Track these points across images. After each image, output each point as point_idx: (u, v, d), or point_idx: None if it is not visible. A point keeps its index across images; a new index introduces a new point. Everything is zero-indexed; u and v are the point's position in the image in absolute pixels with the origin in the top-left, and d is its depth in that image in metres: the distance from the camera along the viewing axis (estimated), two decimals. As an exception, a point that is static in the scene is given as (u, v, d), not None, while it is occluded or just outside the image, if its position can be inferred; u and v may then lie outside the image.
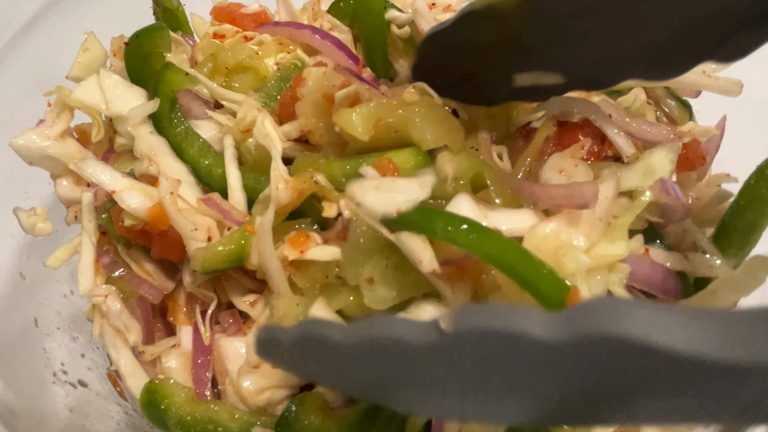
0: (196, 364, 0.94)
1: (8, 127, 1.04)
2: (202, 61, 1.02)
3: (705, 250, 0.81)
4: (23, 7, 1.18)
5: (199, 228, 0.87)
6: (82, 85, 0.99)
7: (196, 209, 0.89)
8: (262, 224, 0.82)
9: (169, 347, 0.97)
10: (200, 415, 0.87)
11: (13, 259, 1.13)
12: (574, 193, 0.73)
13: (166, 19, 1.14)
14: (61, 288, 1.15)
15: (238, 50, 1.00)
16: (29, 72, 1.17)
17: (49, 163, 1.02)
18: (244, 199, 0.90)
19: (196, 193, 0.92)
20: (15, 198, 1.13)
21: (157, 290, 0.96)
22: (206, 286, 0.95)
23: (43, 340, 1.08)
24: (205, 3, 1.18)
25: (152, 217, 0.87)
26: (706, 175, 1.01)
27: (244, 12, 1.11)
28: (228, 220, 0.88)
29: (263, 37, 1.05)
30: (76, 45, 1.05)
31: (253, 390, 0.85)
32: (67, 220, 1.04)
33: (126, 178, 0.91)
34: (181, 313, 0.98)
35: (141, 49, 0.99)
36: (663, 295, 0.78)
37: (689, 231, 0.83)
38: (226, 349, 0.92)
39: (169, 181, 0.87)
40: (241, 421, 0.86)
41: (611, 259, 0.72)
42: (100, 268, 0.99)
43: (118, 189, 0.89)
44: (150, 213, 0.87)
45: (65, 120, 1.02)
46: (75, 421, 0.99)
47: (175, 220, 0.87)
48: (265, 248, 0.82)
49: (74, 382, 1.04)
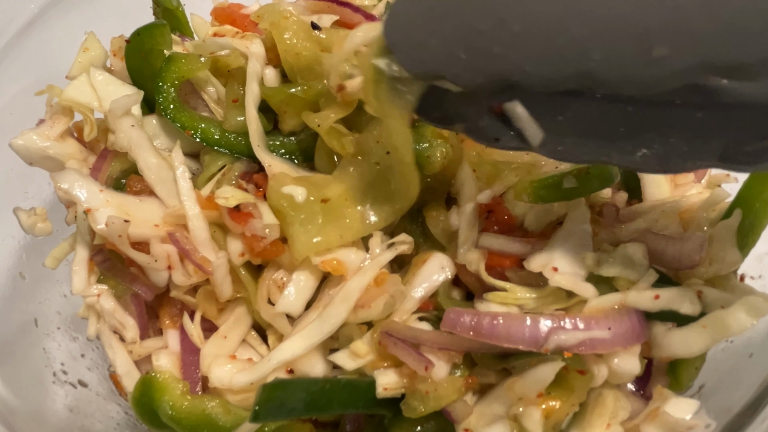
0: (185, 363, 0.95)
1: (8, 127, 1.04)
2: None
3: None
4: (23, 7, 1.18)
5: (158, 259, 0.88)
6: (74, 84, 1.00)
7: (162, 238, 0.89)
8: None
9: (159, 348, 0.98)
10: (194, 409, 0.87)
11: (13, 259, 1.13)
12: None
13: (166, 19, 1.14)
14: (61, 288, 1.15)
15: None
16: (29, 72, 1.17)
17: (49, 163, 1.02)
18: (207, 231, 0.90)
19: (189, 185, 0.92)
20: (15, 198, 1.13)
21: (151, 287, 0.96)
22: (190, 293, 0.96)
23: (43, 340, 1.08)
24: (205, 3, 1.18)
25: (113, 247, 0.88)
26: (705, 175, 1.01)
27: (245, 12, 1.11)
28: (188, 260, 0.89)
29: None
30: (76, 45, 1.05)
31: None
32: (67, 220, 1.04)
33: (104, 192, 0.90)
34: (166, 317, 0.99)
35: (142, 47, 0.99)
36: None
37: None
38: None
39: (116, 223, 0.85)
40: (235, 415, 0.87)
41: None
42: (94, 266, 0.99)
43: (93, 207, 0.88)
44: (110, 245, 0.88)
45: (65, 120, 1.03)
46: (75, 421, 0.99)
47: (131, 256, 0.88)
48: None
49: (74, 382, 1.04)
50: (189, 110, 0.98)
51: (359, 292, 0.84)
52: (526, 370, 0.77)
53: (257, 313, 0.92)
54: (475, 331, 0.76)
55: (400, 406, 0.80)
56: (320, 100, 0.92)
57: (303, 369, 0.86)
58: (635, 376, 0.79)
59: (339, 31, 0.94)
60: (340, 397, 0.81)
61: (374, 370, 0.82)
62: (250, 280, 0.92)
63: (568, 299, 0.80)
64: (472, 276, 0.87)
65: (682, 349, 0.78)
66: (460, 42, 0.65)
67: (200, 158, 1.00)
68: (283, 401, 0.78)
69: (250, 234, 0.87)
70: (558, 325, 0.75)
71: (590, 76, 0.59)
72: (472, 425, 0.80)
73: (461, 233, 0.86)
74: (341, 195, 0.88)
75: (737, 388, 0.85)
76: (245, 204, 0.88)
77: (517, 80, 0.63)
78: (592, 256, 0.80)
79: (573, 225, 0.84)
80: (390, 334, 0.80)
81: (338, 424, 0.95)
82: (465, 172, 0.90)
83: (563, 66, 0.60)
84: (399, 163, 0.84)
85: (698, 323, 0.76)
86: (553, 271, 0.79)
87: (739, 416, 0.79)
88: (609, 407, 0.80)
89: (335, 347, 0.87)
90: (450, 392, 0.78)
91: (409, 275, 0.88)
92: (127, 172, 0.98)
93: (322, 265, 0.86)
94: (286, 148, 0.97)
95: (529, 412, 0.77)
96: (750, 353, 0.91)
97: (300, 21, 0.93)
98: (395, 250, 0.88)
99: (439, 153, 0.87)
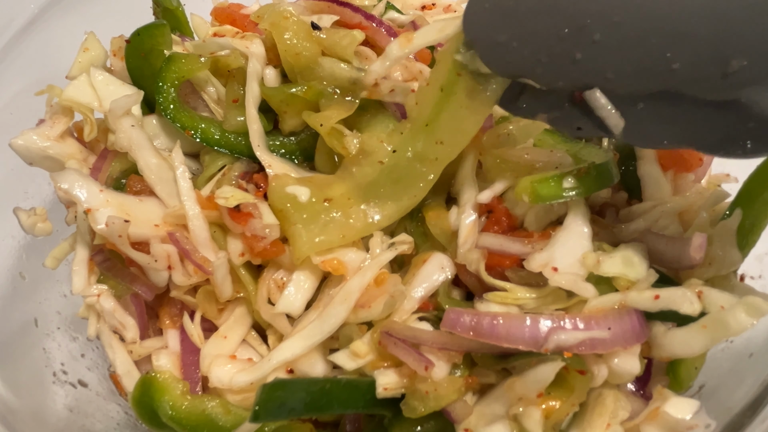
0: (185, 363, 0.95)
1: (8, 127, 1.04)
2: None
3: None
4: (23, 7, 1.18)
5: (158, 259, 0.88)
6: (74, 84, 1.00)
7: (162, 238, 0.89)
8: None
9: (159, 348, 0.98)
10: (195, 409, 0.87)
11: (13, 259, 1.13)
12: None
13: (166, 19, 1.14)
14: (61, 288, 1.15)
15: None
16: (29, 72, 1.17)
17: (49, 163, 1.02)
18: (207, 231, 0.90)
19: (189, 185, 0.92)
20: (15, 198, 1.13)
21: (151, 287, 0.96)
22: (190, 293, 0.96)
23: (43, 340, 1.08)
24: (205, 3, 1.18)
25: (113, 247, 0.88)
26: (705, 176, 1.01)
27: (245, 12, 1.11)
28: (188, 260, 0.89)
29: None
30: (76, 45, 1.05)
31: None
32: (67, 220, 1.04)
33: (104, 192, 0.90)
34: (166, 317, 0.99)
35: (142, 47, 0.99)
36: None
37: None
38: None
39: (116, 223, 0.85)
40: (235, 415, 0.87)
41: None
42: (94, 266, 0.99)
43: (93, 207, 0.88)
44: (110, 245, 0.88)
45: (65, 120, 1.03)
46: (75, 421, 0.99)
47: (131, 256, 0.88)
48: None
49: (74, 382, 1.04)
50: (189, 110, 0.98)
51: (359, 292, 0.84)
52: (526, 370, 0.77)
53: (257, 313, 0.92)
54: (475, 331, 0.76)
55: (400, 406, 0.80)
56: (320, 100, 0.92)
57: (303, 369, 0.86)
58: (635, 376, 0.79)
59: (339, 31, 0.94)
60: (340, 397, 0.81)
61: (374, 370, 0.82)
62: (250, 280, 0.92)
63: (568, 299, 0.80)
64: (472, 276, 0.87)
65: (682, 349, 0.78)
66: (542, 47, 0.66)
67: (200, 158, 1.00)
68: (283, 401, 0.78)
69: (250, 234, 0.87)
70: (558, 325, 0.75)
71: (670, 84, 0.61)
72: (472, 425, 0.80)
73: (461, 233, 0.86)
74: (344, 195, 0.88)
75: (737, 388, 0.85)
76: (245, 204, 0.88)
77: (599, 84, 0.65)
78: (592, 256, 0.80)
79: (573, 225, 0.84)
80: (390, 334, 0.80)
81: (338, 424, 0.95)
82: (465, 172, 0.90)
83: (644, 74, 0.62)
84: (420, 159, 0.85)
85: (698, 323, 0.76)
86: (553, 271, 0.79)
87: (739, 416, 0.79)
88: (609, 407, 0.80)
89: (335, 347, 0.87)
90: (450, 392, 0.78)
91: (409, 275, 0.88)
92: (127, 172, 0.98)
93: (322, 265, 0.86)
94: (286, 148, 0.97)
95: (529, 412, 0.77)
96: (750, 353, 0.91)
97: (300, 21, 0.93)
98: (395, 250, 0.88)
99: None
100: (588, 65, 0.65)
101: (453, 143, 0.83)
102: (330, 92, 0.91)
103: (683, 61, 0.59)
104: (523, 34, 0.68)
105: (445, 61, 0.78)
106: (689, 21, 0.58)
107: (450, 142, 0.83)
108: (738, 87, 0.58)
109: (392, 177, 0.87)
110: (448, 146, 0.83)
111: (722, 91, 0.59)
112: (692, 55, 0.59)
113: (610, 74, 0.64)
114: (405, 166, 0.86)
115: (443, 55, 0.79)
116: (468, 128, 0.82)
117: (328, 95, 0.91)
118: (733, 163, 0.99)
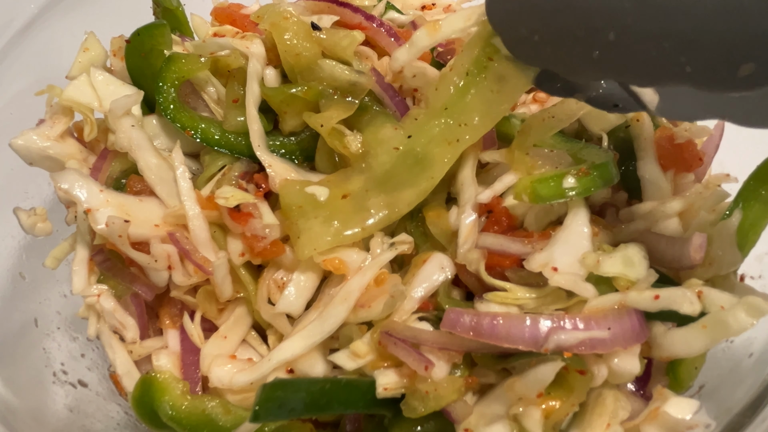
0: (185, 363, 0.95)
1: (8, 127, 1.04)
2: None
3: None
4: (23, 7, 1.18)
5: (159, 259, 0.88)
6: (74, 84, 1.00)
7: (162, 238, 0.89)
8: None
9: (159, 348, 0.98)
10: (195, 409, 0.87)
11: (13, 259, 1.13)
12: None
13: (166, 19, 1.14)
14: (61, 288, 1.15)
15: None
16: (29, 72, 1.17)
17: (49, 163, 1.02)
18: (207, 232, 0.90)
19: (189, 185, 0.92)
20: (15, 198, 1.13)
21: (151, 287, 0.96)
22: (190, 293, 0.96)
23: (43, 340, 1.08)
24: (205, 3, 1.18)
25: (113, 247, 0.88)
26: (705, 176, 1.01)
27: (245, 12, 1.11)
28: (188, 260, 0.89)
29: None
30: (76, 45, 1.05)
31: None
32: (67, 220, 1.04)
33: (105, 192, 0.90)
34: (166, 317, 0.99)
35: (142, 47, 0.99)
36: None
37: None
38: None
39: (116, 223, 0.85)
40: (235, 415, 0.87)
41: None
42: (94, 266, 0.99)
43: (93, 207, 0.88)
44: (110, 245, 0.88)
45: (65, 120, 1.03)
46: (75, 421, 0.99)
47: (131, 256, 0.88)
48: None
49: (74, 382, 1.04)
50: (189, 110, 0.98)
51: (359, 291, 0.84)
52: (526, 370, 0.77)
53: (257, 313, 0.92)
54: (475, 331, 0.76)
55: (400, 406, 0.80)
56: (320, 100, 0.92)
57: (303, 369, 0.86)
58: (635, 376, 0.79)
59: (339, 31, 0.95)
60: (340, 397, 0.81)
61: (374, 370, 0.82)
62: (250, 280, 0.92)
63: (568, 299, 0.80)
64: (472, 276, 0.87)
65: (682, 349, 0.78)
66: (562, 45, 0.69)
67: (200, 158, 1.00)
68: (283, 401, 0.78)
69: (250, 234, 0.87)
70: (558, 325, 0.75)
71: (687, 83, 0.62)
72: (472, 425, 0.80)
73: (461, 233, 0.86)
74: (362, 187, 0.89)
75: (737, 388, 0.85)
76: (245, 204, 0.88)
77: (620, 80, 0.69)
78: (592, 256, 0.80)
79: (573, 225, 0.84)
80: (390, 334, 0.80)
81: (338, 424, 0.95)
82: (465, 172, 0.90)
83: (660, 72, 0.63)
84: (438, 142, 0.86)
85: (698, 323, 0.76)
86: (553, 271, 0.79)
87: (739, 416, 0.79)
88: (609, 407, 0.80)
89: (335, 347, 0.87)
90: (450, 392, 0.78)
91: (409, 275, 0.88)
92: (127, 172, 0.98)
93: (324, 264, 0.86)
94: (287, 148, 0.97)
95: (529, 412, 0.77)
96: (750, 353, 0.91)
97: (300, 21, 0.93)
98: (395, 250, 0.88)
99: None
100: (607, 63, 0.66)
101: (478, 126, 0.84)
102: (330, 93, 0.91)
103: (695, 66, 0.60)
104: (543, 31, 0.70)
105: (475, 46, 0.81)
106: (698, 28, 0.59)
107: (474, 125, 0.84)
108: (749, 88, 0.59)
109: (408, 162, 0.87)
110: (472, 129, 0.85)
111: (736, 90, 0.60)
112: (704, 60, 0.60)
113: (629, 71, 0.66)
114: (422, 150, 0.87)
115: (474, 41, 0.81)
116: (496, 112, 0.83)
117: (328, 96, 0.91)
118: (733, 163, 1.00)
